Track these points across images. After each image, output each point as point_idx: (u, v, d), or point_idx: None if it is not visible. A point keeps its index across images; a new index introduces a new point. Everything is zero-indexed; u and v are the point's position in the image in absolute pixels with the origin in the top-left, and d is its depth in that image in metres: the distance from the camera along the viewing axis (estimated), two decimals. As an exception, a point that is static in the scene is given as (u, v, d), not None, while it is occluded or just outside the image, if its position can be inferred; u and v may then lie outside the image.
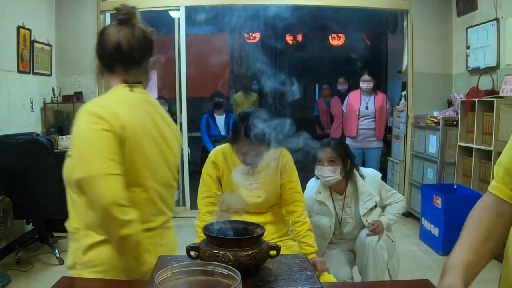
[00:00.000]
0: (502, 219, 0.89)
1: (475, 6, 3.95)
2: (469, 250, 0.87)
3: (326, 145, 2.13)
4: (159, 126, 1.24)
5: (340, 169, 2.09)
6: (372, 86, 4.42)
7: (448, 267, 0.85)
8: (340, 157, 2.10)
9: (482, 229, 0.89)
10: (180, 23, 4.45)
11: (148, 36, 1.25)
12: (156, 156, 1.22)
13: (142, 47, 1.23)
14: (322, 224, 2.16)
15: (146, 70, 1.28)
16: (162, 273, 0.89)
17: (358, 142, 4.46)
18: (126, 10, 1.24)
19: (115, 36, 1.21)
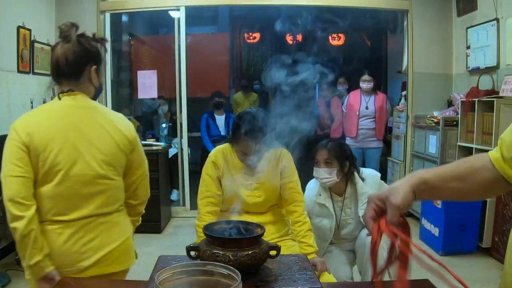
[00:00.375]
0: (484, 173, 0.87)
1: (475, 6, 3.95)
2: (437, 174, 0.89)
3: (323, 146, 2.13)
4: (81, 128, 1.38)
5: (337, 171, 2.08)
6: (372, 86, 4.42)
7: (408, 175, 0.89)
8: (337, 158, 2.08)
9: (461, 168, 0.89)
10: (180, 23, 4.45)
11: (88, 48, 1.42)
12: (70, 156, 1.34)
13: (78, 60, 1.40)
14: (322, 226, 2.16)
15: (88, 79, 1.44)
16: (162, 273, 0.89)
17: (358, 142, 4.46)
18: (65, 28, 1.39)
19: (55, 53, 1.40)
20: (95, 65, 1.45)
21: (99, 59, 1.47)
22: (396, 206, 0.84)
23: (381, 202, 0.88)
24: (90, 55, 1.43)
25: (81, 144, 1.36)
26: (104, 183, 1.40)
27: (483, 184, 0.88)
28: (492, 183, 0.88)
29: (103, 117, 1.43)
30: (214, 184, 1.89)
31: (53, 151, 1.32)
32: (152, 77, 4.64)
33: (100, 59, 1.48)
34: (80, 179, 1.35)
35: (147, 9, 4.54)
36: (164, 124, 4.84)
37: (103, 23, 4.40)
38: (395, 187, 0.87)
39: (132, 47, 6.06)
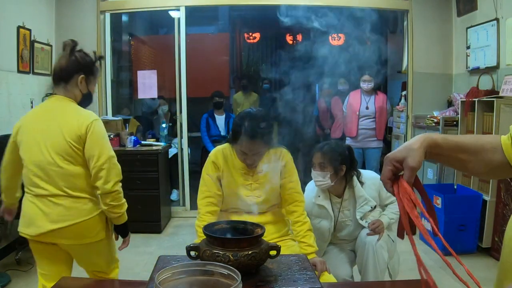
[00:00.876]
0: (493, 155, 0.89)
1: (475, 6, 3.95)
2: (450, 142, 0.90)
3: (318, 149, 2.13)
4: (43, 123, 1.72)
5: (331, 175, 2.08)
6: (372, 86, 4.42)
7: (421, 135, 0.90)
8: (331, 163, 2.07)
9: (473, 143, 0.91)
10: (180, 23, 4.45)
11: (79, 60, 1.76)
12: (32, 145, 1.71)
13: (68, 68, 1.74)
14: (321, 227, 2.16)
15: (75, 84, 1.77)
16: (162, 273, 0.89)
17: (358, 142, 4.46)
18: (66, 43, 1.76)
19: (56, 62, 1.80)
20: (83, 74, 1.76)
21: (88, 71, 1.78)
22: (414, 167, 0.87)
23: (398, 163, 0.89)
24: (80, 66, 1.75)
25: (40, 136, 1.70)
26: (54, 169, 1.68)
27: (490, 164, 0.90)
28: (499, 166, 0.89)
29: (61, 115, 1.72)
30: (214, 184, 1.89)
31: (22, 142, 1.74)
32: (152, 77, 4.64)
33: (90, 70, 1.78)
34: (36, 164, 1.69)
35: (147, 9, 4.54)
36: (164, 124, 4.84)
37: (103, 23, 4.41)
38: (411, 148, 0.87)
39: (132, 47, 6.05)
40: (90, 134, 1.69)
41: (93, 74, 1.81)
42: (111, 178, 1.70)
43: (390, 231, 2.20)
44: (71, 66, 1.74)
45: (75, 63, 1.74)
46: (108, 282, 1.34)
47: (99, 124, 1.73)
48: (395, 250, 2.22)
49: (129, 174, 3.85)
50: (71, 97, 1.76)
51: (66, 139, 1.67)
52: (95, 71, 1.82)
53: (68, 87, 1.75)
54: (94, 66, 1.81)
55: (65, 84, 1.75)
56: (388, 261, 2.10)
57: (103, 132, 1.74)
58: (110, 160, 1.71)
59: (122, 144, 4.11)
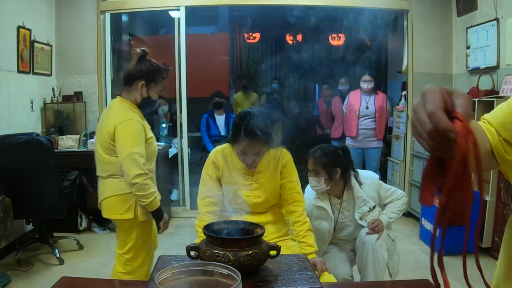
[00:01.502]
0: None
1: (475, 6, 3.95)
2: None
3: (311, 155, 2.13)
4: (101, 119, 2.08)
5: (325, 179, 2.08)
6: (373, 86, 4.42)
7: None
8: (323, 168, 2.07)
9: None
10: (180, 23, 4.45)
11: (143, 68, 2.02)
12: (95, 136, 2.17)
13: (133, 75, 2.02)
14: (321, 228, 2.17)
15: (137, 89, 2.04)
16: (162, 273, 0.89)
17: (358, 142, 4.46)
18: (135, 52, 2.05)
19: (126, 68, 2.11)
20: (144, 81, 2.01)
21: (150, 78, 2.03)
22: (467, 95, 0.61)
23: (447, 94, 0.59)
24: (142, 73, 2.01)
25: (98, 130, 2.07)
26: (98, 157, 2.05)
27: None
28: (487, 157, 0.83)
29: (111, 114, 2.02)
30: (214, 184, 1.89)
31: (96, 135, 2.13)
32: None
33: (152, 78, 2.03)
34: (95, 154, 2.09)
35: (147, 9, 4.54)
36: (164, 124, 4.84)
37: (103, 23, 4.40)
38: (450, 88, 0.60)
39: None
40: (116, 133, 1.95)
41: (155, 81, 2.05)
42: (130, 172, 1.89)
43: (390, 230, 2.20)
44: (135, 73, 2.01)
45: (139, 70, 2.01)
46: (108, 282, 1.34)
47: (123, 126, 1.94)
48: (395, 250, 2.22)
49: (129, 174, 3.87)
50: (131, 100, 2.04)
51: (104, 135, 1.98)
52: (157, 79, 2.05)
53: (131, 90, 2.03)
54: (156, 74, 2.04)
55: (129, 88, 2.03)
56: (387, 260, 2.10)
57: (126, 132, 1.94)
58: (130, 156, 1.90)
59: (122, 144, 4.11)
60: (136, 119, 1.96)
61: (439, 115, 0.55)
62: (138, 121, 1.97)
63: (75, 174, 3.46)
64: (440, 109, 0.55)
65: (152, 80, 2.04)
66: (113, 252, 3.44)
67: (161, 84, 2.09)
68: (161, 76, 2.07)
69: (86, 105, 4.34)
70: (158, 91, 2.10)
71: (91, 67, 4.36)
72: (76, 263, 3.23)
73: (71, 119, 4.29)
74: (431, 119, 0.55)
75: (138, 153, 1.91)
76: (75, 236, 3.64)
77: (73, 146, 3.93)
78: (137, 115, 2.02)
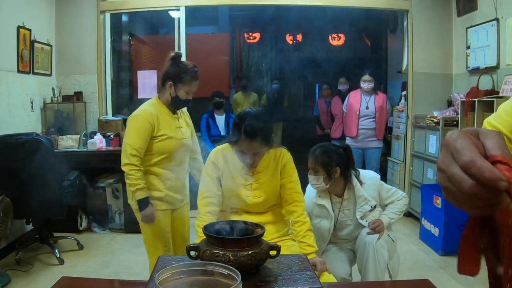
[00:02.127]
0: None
1: (475, 6, 3.95)
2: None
3: (311, 154, 2.13)
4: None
5: (324, 178, 2.08)
6: (373, 86, 4.42)
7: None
8: (323, 167, 2.07)
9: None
10: (180, 23, 4.45)
11: (170, 69, 2.18)
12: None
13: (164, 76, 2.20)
14: (321, 227, 2.17)
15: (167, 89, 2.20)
16: (162, 273, 0.89)
17: (358, 142, 4.46)
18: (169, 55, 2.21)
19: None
20: (171, 81, 2.16)
21: (177, 78, 2.16)
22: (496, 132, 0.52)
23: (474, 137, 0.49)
24: (170, 74, 2.17)
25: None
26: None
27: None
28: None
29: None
30: (214, 184, 1.89)
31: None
32: (152, 77, 4.64)
33: (178, 78, 2.16)
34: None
35: (147, 9, 4.54)
36: (164, 124, 4.83)
37: (103, 23, 4.40)
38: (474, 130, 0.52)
39: (132, 47, 6.05)
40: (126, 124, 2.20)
41: (182, 82, 2.16)
42: (122, 160, 2.10)
43: (390, 231, 2.20)
44: (165, 74, 2.18)
45: (167, 71, 2.18)
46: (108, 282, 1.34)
47: (130, 119, 2.16)
48: (395, 250, 2.22)
49: (129, 174, 3.87)
50: (163, 99, 2.21)
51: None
52: (184, 79, 2.16)
53: (163, 90, 2.20)
54: (183, 75, 2.16)
55: (162, 88, 2.20)
56: (388, 261, 2.10)
57: (129, 125, 2.15)
58: (124, 147, 2.11)
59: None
60: (143, 116, 2.11)
61: (479, 164, 0.43)
62: (145, 118, 2.11)
63: (75, 174, 3.46)
64: (478, 157, 0.44)
65: (179, 80, 2.16)
66: (113, 252, 3.46)
67: (189, 85, 2.18)
68: (188, 77, 2.17)
69: (86, 105, 4.34)
70: (188, 91, 2.19)
71: (91, 67, 4.36)
72: (76, 263, 3.23)
73: (71, 119, 4.29)
74: (470, 171, 0.43)
75: (131, 145, 2.08)
76: (75, 236, 3.64)
77: (73, 146, 3.93)
78: (155, 111, 2.15)
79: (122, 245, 3.62)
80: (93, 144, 3.90)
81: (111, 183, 4.03)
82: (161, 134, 2.15)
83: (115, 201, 4.04)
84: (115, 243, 3.69)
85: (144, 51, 6.27)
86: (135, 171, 2.08)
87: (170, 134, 2.17)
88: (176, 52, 2.21)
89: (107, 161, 3.92)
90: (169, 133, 2.17)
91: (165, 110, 2.21)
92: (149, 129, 2.11)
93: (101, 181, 4.05)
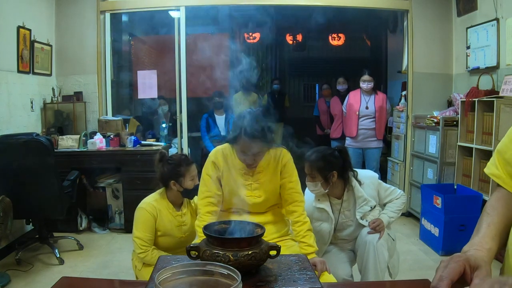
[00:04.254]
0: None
1: (475, 6, 3.95)
2: (494, 237, 0.86)
3: (307, 158, 2.11)
4: None
5: (322, 184, 2.08)
6: (372, 86, 4.41)
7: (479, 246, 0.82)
8: (319, 172, 2.06)
9: (503, 216, 0.88)
10: (180, 23, 4.45)
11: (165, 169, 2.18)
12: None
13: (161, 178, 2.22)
14: (322, 230, 2.16)
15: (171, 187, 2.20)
16: (162, 273, 0.89)
17: (358, 142, 4.45)
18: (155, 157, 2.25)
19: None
20: (173, 180, 2.15)
21: (175, 175, 2.15)
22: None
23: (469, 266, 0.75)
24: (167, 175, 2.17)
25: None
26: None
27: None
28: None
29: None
30: (214, 184, 1.89)
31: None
32: (152, 77, 4.64)
33: (176, 175, 2.15)
34: None
35: (147, 9, 4.54)
36: (164, 124, 4.84)
37: (103, 23, 4.40)
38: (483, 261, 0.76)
39: (132, 47, 6.05)
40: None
41: (182, 175, 2.15)
42: (136, 250, 2.15)
43: (390, 230, 2.20)
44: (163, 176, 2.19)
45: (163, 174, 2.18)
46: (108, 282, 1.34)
47: (137, 211, 2.17)
48: (395, 249, 2.22)
49: (129, 174, 3.87)
50: (170, 197, 2.22)
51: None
52: (182, 171, 2.16)
53: (169, 189, 2.21)
54: (179, 169, 2.16)
55: (167, 188, 2.22)
56: (388, 260, 2.10)
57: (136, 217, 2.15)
58: (134, 239, 2.15)
59: (122, 144, 4.11)
60: (146, 208, 2.10)
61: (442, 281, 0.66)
62: (148, 210, 2.10)
63: (75, 174, 3.46)
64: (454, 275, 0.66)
65: (179, 175, 2.14)
66: (113, 252, 3.46)
67: (189, 172, 2.16)
68: (183, 167, 2.15)
69: (86, 105, 4.34)
70: (192, 178, 2.16)
71: (91, 67, 4.36)
72: (76, 263, 3.23)
73: (71, 119, 4.29)
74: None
75: (139, 238, 2.08)
76: (75, 236, 3.64)
77: (73, 146, 3.93)
78: (158, 206, 2.14)
79: (122, 245, 3.62)
80: (93, 144, 3.90)
81: (111, 183, 4.03)
82: (160, 229, 2.13)
83: (115, 201, 4.04)
84: (115, 243, 3.69)
85: (144, 51, 6.27)
86: (148, 252, 2.09)
87: (169, 232, 2.15)
88: (159, 153, 2.21)
89: (107, 161, 3.92)
90: (168, 231, 2.14)
91: (169, 206, 2.17)
92: (153, 221, 2.11)
93: (101, 181, 4.05)
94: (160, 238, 2.15)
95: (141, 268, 2.12)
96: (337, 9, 4.62)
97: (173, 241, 2.16)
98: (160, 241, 2.16)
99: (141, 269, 2.12)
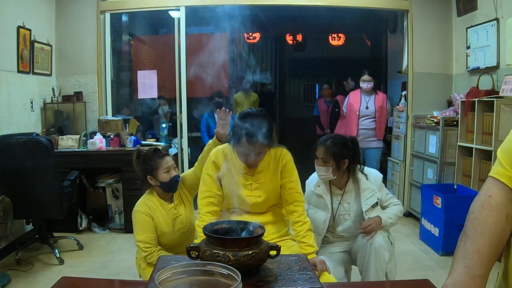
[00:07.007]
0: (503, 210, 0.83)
1: (475, 6, 3.95)
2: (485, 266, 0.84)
3: (321, 143, 2.13)
4: None
5: (333, 169, 2.09)
6: (372, 86, 4.42)
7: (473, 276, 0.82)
8: (333, 157, 2.08)
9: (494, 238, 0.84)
10: (180, 23, 4.45)
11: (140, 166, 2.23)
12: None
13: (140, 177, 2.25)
14: (316, 218, 2.16)
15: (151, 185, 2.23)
16: (162, 273, 0.89)
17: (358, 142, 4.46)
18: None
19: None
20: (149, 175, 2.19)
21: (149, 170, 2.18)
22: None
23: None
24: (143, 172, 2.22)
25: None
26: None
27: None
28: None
29: None
30: (214, 184, 1.89)
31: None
32: (152, 77, 4.64)
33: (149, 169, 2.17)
34: None
35: (147, 9, 4.54)
36: (164, 124, 4.84)
37: (103, 23, 4.40)
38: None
39: (132, 47, 6.05)
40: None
41: (154, 168, 2.16)
42: (141, 254, 2.17)
43: (389, 233, 2.19)
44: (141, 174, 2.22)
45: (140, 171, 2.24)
46: (108, 282, 1.34)
47: (133, 215, 2.19)
48: (393, 253, 2.20)
49: (129, 174, 3.86)
50: (157, 192, 2.24)
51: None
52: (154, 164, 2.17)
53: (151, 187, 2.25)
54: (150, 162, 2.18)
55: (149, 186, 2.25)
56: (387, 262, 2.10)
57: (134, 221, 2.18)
58: (136, 243, 2.17)
59: (122, 144, 4.11)
60: (140, 210, 2.12)
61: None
62: (143, 211, 2.12)
63: (75, 174, 3.46)
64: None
65: (151, 168, 2.15)
66: (113, 252, 3.46)
67: (160, 165, 2.14)
68: (154, 160, 2.15)
69: (86, 105, 4.34)
70: (165, 171, 2.15)
71: (91, 67, 4.36)
72: (76, 263, 3.23)
73: (71, 119, 4.29)
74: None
75: (141, 241, 2.10)
76: (75, 236, 3.64)
77: (73, 146, 3.93)
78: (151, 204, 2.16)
79: (122, 245, 3.62)
80: (93, 144, 3.90)
81: (111, 183, 4.03)
82: (158, 227, 2.15)
83: (115, 201, 4.03)
84: (115, 243, 3.69)
85: (144, 51, 6.26)
86: (154, 253, 2.09)
87: (167, 227, 2.16)
88: (136, 152, 2.23)
89: (107, 161, 3.92)
90: (164, 229, 2.15)
91: (160, 202, 2.19)
92: (150, 221, 2.12)
93: (101, 181, 4.05)
94: (160, 238, 2.15)
95: (145, 267, 2.13)
96: (337, 9, 4.63)
97: (174, 237, 2.17)
98: (161, 241, 2.16)
99: (145, 268, 2.12)
